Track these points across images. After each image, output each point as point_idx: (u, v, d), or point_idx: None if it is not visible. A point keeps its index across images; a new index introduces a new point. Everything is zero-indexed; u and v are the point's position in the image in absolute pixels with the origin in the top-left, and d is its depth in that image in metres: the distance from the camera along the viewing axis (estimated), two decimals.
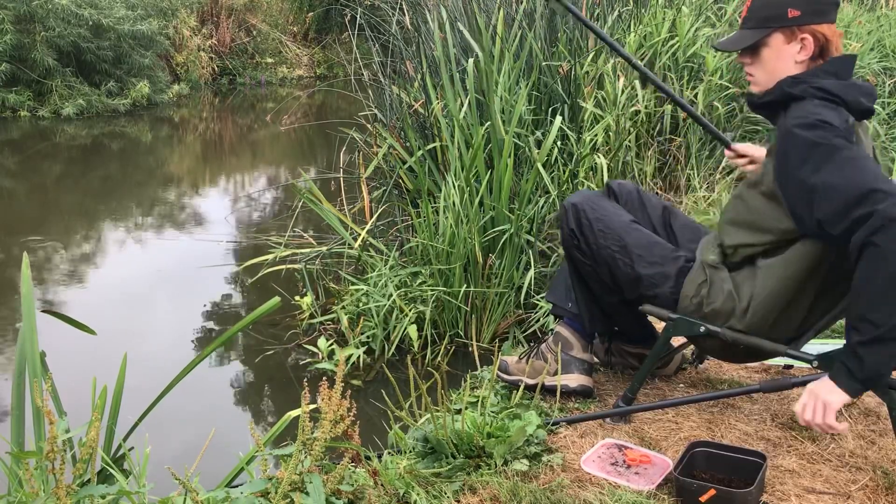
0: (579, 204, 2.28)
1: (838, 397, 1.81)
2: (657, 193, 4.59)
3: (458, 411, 2.16)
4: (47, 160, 7.93)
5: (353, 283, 3.79)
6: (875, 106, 1.96)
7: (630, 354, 2.59)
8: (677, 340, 2.47)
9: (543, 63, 4.47)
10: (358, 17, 5.08)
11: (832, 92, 1.88)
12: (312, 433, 1.71)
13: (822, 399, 1.83)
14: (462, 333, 3.60)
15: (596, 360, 2.63)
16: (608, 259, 2.23)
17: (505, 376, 2.48)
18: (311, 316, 3.77)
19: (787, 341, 2.09)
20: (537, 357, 2.46)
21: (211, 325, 4.13)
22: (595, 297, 2.37)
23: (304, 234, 4.36)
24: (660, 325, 2.31)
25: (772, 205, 1.97)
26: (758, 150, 2.40)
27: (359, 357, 3.39)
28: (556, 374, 2.40)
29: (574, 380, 2.41)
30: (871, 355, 1.76)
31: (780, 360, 2.54)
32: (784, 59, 1.98)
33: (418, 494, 1.91)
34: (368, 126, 4.88)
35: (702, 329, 2.10)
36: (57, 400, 2.13)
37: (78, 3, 9.52)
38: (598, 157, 4.21)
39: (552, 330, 2.54)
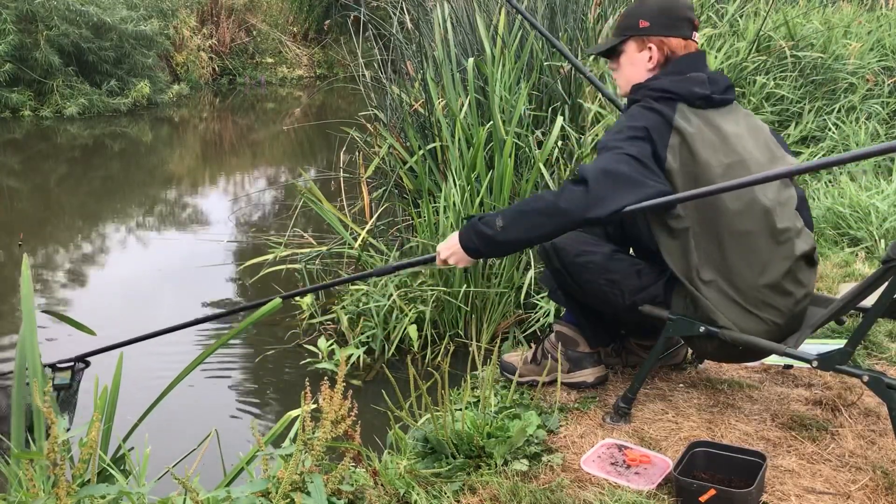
0: (558, 242, 2.33)
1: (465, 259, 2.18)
2: None
3: (459, 411, 2.17)
4: (49, 160, 7.94)
5: (352, 284, 3.79)
6: (709, 93, 2.11)
7: (641, 347, 2.60)
8: None
9: (545, 63, 4.47)
10: (362, 17, 5.07)
11: (664, 88, 2.11)
12: (313, 433, 1.71)
13: (460, 253, 2.17)
14: (462, 333, 3.60)
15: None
16: (598, 292, 2.29)
17: (519, 379, 2.50)
18: (311, 316, 3.77)
19: (780, 335, 2.10)
20: (544, 357, 2.51)
21: (211, 325, 4.13)
22: (596, 314, 2.41)
23: (304, 234, 4.36)
24: None
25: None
26: None
27: (359, 357, 3.39)
28: (569, 372, 2.47)
29: (590, 374, 2.48)
30: (494, 250, 2.18)
31: (779, 360, 2.54)
32: (636, 65, 2.23)
33: (418, 494, 1.91)
34: (368, 126, 4.88)
35: (701, 329, 2.11)
36: (53, 401, 2.13)
37: (82, 1, 9.53)
38: None
39: (550, 325, 2.56)
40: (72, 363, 2.44)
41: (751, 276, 2.08)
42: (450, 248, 2.19)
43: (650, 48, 2.19)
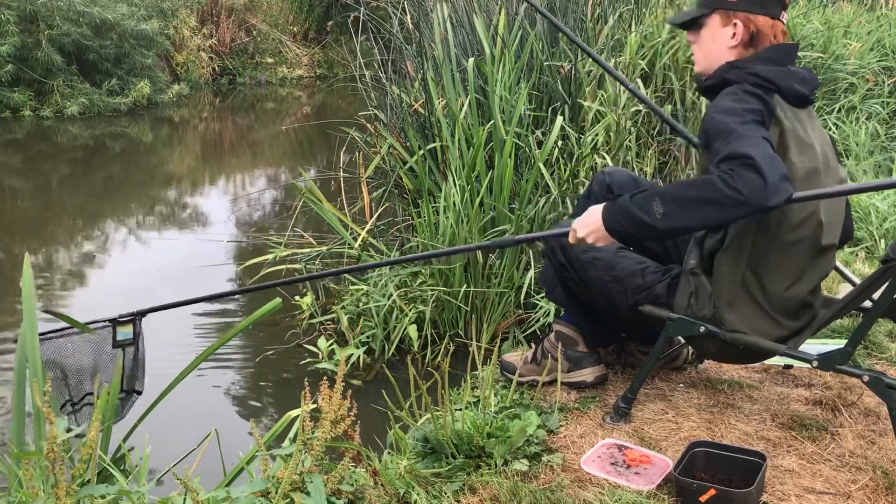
0: (564, 239, 2.29)
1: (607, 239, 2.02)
2: None
3: (459, 411, 2.17)
4: (49, 160, 7.94)
5: (353, 283, 3.79)
6: (807, 93, 2.04)
7: (641, 352, 2.60)
8: None
9: (545, 63, 4.47)
10: (361, 17, 5.07)
11: (766, 77, 1.98)
12: (313, 433, 1.71)
13: (601, 233, 2.01)
14: (462, 333, 3.60)
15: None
16: (602, 289, 2.27)
17: (519, 379, 2.49)
18: (311, 316, 3.77)
19: (783, 339, 2.10)
20: (544, 357, 2.51)
21: (211, 325, 4.13)
22: (595, 315, 2.40)
23: (304, 234, 4.36)
24: None
25: None
26: None
27: (359, 357, 3.39)
28: (569, 371, 2.47)
29: (590, 374, 2.47)
30: (647, 236, 2.00)
31: (779, 360, 2.54)
32: (718, 41, 2.09)
33: (418, 494, 1.91)
34: (368, 126, 4.88)
35: (701, 329, 2.11)
36: (53, 401, 2.13)
37: (85, 2, 9.54)
38: (603, 155, 4.20)
39: (550, 325, 2.56)
40: (133, 317, 2.41)
41: (783, 284, 2.05)
42: (589, 227, 2.04)
43: (735, 24, 2.06)
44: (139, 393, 2.43)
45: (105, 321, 2.40)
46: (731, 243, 2.05)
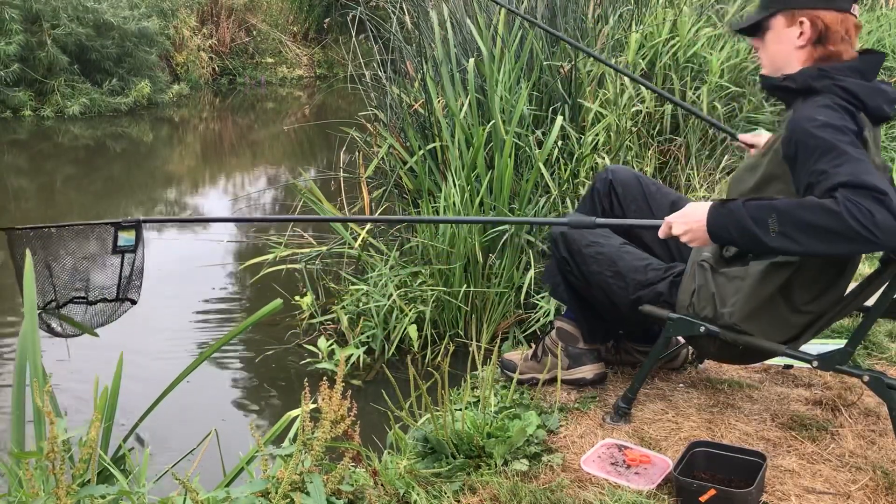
0: (569, 233, 2.30)
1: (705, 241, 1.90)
2: None
3: (459, 411, 2.17)
4: (50, 160, 7.94)
5: (353, 283, 3.79)
6: (891, 114, 1.95)
7: (639, 352, 2.60)
8: None
9: (545, 62, 4.47)
10: (359, 16, 5.07)
11: (856, 94, 1.86)
12: (313, 433, 1.71)
13: (700, 233, 1.89)
14: (462, 333, 3.60)
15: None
16: (602, 284, 2.26)
17: (520, 377, 2.49)
18: (311, 316, 3.77)
19: (783, 343, 2.10)
20: (545, 354, 2.51)
21: (212, 325, 4.13)
22: (594, 311, 2.40)
23: (304, 234, 4.36)
24: None
25: (764, 190, 1.97)
26: (762, 138, 2.44)
27: (359, 357, 3.39)
28: (568, 368, 2.47)
29: (589, 371, 2.47)
30: (753, 249, 1.91)
31: (779, 361, 2.54)
32: (784, 42, 1.97)
33: (418, 494, 1.91)
34: (368, 126, 4.88)
35: (701, 329, 2.11)
36: (53, 400, 2.13)
37: None
38: (603, 155, 4.20)
39: (552, 323, 2.56)
40: (136, 222, 2.31)
41: (810, 297, 2.02)
42: (688, 225, 1.91)
43: (801, 23, 1.93)
44: (134, 302, 2.39)
45: (106, 223, 2.34)
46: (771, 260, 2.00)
